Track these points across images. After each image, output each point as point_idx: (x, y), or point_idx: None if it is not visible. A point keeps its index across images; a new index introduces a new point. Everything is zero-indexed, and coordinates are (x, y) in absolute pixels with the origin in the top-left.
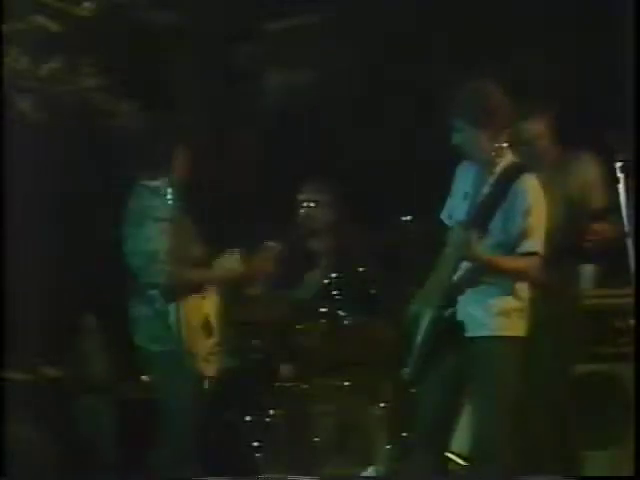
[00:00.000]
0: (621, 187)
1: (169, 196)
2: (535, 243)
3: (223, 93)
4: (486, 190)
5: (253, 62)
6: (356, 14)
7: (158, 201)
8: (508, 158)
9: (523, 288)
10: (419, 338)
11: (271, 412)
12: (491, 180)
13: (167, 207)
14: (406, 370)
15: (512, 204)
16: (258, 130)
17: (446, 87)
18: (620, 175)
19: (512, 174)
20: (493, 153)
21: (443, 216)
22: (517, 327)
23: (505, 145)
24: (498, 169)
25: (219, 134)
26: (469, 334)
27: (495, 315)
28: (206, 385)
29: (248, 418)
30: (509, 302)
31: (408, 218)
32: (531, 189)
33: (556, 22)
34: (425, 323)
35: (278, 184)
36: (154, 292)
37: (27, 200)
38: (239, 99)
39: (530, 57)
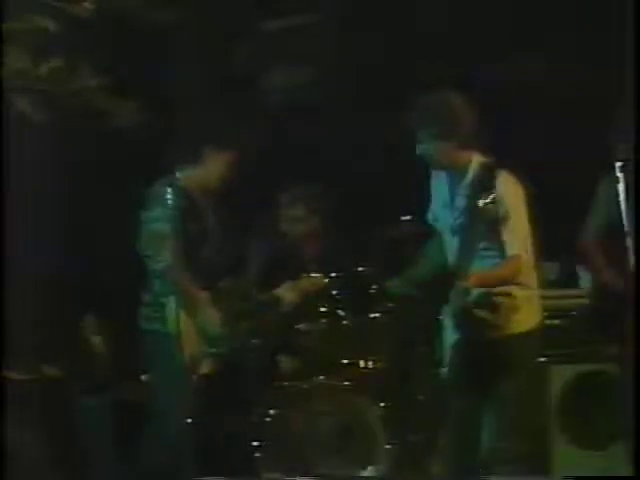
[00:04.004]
0: (621, 187)
1: (182, 193)
2: (516, 246)
3: (222, 93)
4: (463, 198)
5: (253, 62)
6: (356, 14)
7: (174, 196)
8: (476, 159)
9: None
10: (446, 343)
11: (271, 412)
12: (466, 186)
13: (180, 202)
14: (440, 374)
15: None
16: (257, 130)
17: (446, 87)
18: (620, 175)
19: (485, 176)
20: (461, 161)
21: (429, 219)
22: (527, 321)
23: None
24: (470, 173)
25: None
26: (485, 335)
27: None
28: (204, 384)
29: (248, 418)
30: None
31: (408, 218)
32: (508, 191)
33: (556, 22)
34: (449, 330)
35: (277, 184)
36: (157, 281)
37: (27, 200)
38: (238, 99)
39: (530, 57)
